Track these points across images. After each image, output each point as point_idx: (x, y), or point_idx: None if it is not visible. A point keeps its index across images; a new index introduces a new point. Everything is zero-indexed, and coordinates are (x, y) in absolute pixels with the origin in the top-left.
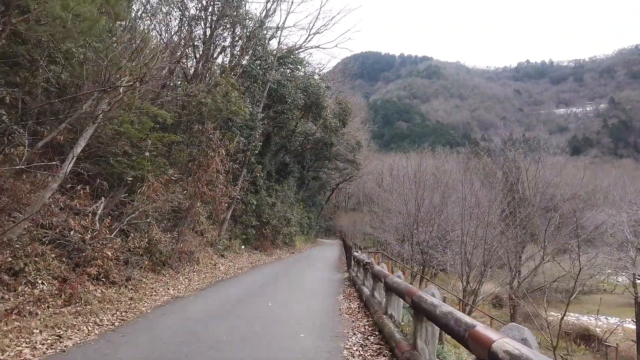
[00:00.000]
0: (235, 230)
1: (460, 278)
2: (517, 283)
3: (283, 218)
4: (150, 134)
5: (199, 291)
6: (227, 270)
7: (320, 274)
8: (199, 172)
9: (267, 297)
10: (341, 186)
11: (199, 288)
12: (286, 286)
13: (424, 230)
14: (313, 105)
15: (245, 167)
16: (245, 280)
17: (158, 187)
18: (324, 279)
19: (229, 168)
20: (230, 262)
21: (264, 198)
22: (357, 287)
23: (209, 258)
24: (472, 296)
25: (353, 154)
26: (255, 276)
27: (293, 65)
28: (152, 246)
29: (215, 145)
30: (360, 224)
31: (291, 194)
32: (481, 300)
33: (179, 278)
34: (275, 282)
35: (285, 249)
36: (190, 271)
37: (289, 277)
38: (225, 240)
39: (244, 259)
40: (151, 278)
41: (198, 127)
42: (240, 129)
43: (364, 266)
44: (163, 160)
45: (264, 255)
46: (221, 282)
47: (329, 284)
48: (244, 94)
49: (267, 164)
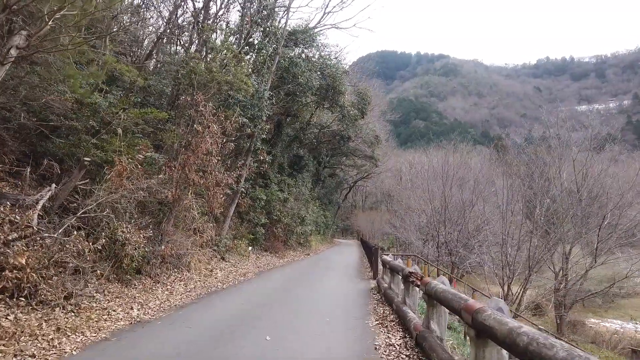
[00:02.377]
0: (240, 229)
1: (501, 284)
2: (564, 289)
3: (297, 216)
4: (128, 109)
5: (175, 310)
6: (226, 277)
7: (340, 282)
8: (186, 154)
9: (268, 323)
10: (358, 184)
11: (178, 305)
12: (296, 303)
13: (453, 229)
14: (329, 89)
15: (250, 155)
16: (244, 291)
17: (132, 173)
18: (346, 290)
19: (227, 150)
20: (233, 266)
21: (275, 193)
22: (393, 306)
23: (205, 262)
24: (516, 304)
25: (372, 149)
26: (259, 286)
27: (307, 42)
28: (117, 249)
29: (207, 121)
30: (379, 223)
31: (306, 190)
32: (525, 309)
33: (157, 290)
34: (283, 295)
35: (299, 250)
36: (176, 280)
37: (301, 288)
38: (227, 241)
39: (251, 262)
40: (113, 292)
41: (185, 98)
42: (243, 109)
43: (406, 278)
44: (144, 141)
45: (274, 257)
46: (213, 294)
47: (354, 299)
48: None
49: (278, 155)
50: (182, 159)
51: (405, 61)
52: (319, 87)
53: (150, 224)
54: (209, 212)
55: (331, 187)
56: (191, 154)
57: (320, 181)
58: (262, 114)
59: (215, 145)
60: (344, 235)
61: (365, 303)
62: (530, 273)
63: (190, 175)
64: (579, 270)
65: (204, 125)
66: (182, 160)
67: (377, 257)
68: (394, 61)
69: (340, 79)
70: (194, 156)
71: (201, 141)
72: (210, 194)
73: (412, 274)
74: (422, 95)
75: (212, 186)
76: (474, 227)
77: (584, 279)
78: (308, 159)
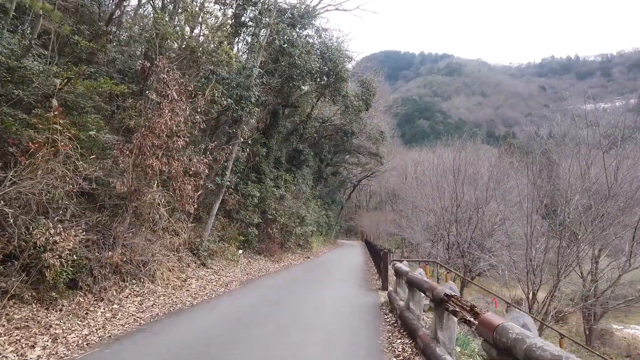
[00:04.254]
0: (228, 229)
1: (526, 292)
2: (594, 297)
3: (296, 215)
4: (73, 79)
5: (105, 346)
6: (201, 289)
7: (342, 294)
8: (143, 134)
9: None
10: (362, 184)
11: (114, 336)
12: (279, 331)
13: (465, 229)
14: (331, 74)
15: (237, 143)
16: (217, 310)
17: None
18: (350, 308)
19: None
20: (215, 274)
21: (270, 189)
22: (418, 341)
23: (178, 270)
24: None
25: (376, 145)
26: (238, 301)
27: (305, 21)
28: (35, 256)
29: (168, 89)
30: (384, 223)
31: (306, 188)
32: (551, 319)
33: (96, 312)
34: (266, 316)
35: (299, 253)
36: (131, 295)
37: (292, 303)
38: (209, 244)
39: (239, 268)
40: (16, 320)
41: (144, 63)
42: (227, 88)
43: (439, 303)
44: (95, 119)
45: (269, 261)
46: (173, 316)
47: (359, 323)
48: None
49: (274, 147)
50: (136, 139)
51: (409, 61)
52: (318, 71)
53: (99, 223)
54: (181, 209)
55: (334, 186)
56: (148, 133)
57: (322, 179)
58: (250, 94)
59: (180, 121)
60: (348, 236)
61: (376, 330)
62: (558, 279)
63: (148, 160)
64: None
65: (162, 94)
66: (138, 142)
67: (386, 263)
68: (398, 61)
69: (343, 64)
70: (152, 135)
71: (159, 115)
72: (177, 186)
73: (451, 299)
74: (426, 95)
75: (179, 175)
76: (489, 227)
77: (616, 284)
78: (308, 154)
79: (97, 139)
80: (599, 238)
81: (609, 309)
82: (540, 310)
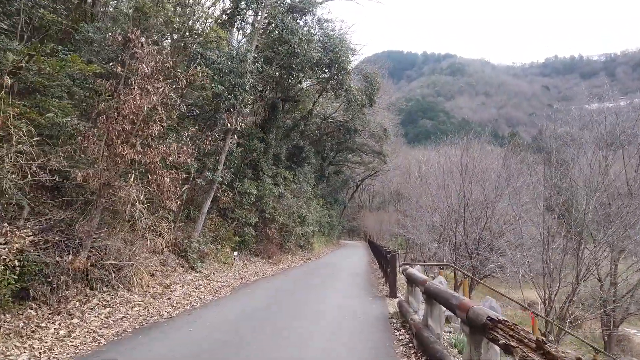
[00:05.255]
0: (222, 229)
1: (543, 297)
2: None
3: (296, 215)
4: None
5: None
6: (185, 297)
7: (344, 303)
8: (109, 115)
9: None
10: (365, 184)
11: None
12: (273, 348)
13: (473, 229)
14: (333, 65)
15: (230, 135)
16: (199, 323)
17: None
18: (353, 321)
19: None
20: (205, 279)
21: (268, 187)
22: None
23: (161, 275)
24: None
25: (380, 143)
26: (227, 311)
27: (306, 7)
28: None
29: (142, 65)
30: (388, 223)
31: (308, 187)
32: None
33: (49, 328)
34: (258, 330)
35: (299, 254)
36: (98, 306)
37: (289, 313)
38: (199, 245)
39: (233, 272)
40: None
41: (114, 36)
42: (218, 74)
43: (482, 330)
44: (63, 103)
45: (267, 263)
46: (144, 331)
47: (364, 345)
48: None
49: (272, 143)
50: (102, 122)
51: (412, 61)
52: (319, 62)
53: (63, 222)
54: (162, 205)
55: (336, 186)
56: (117, 116)
57: (324, 178)
58: (244, 81)
59: (155, 102)
60: (351, 237)
61: (387, 354)
62: (578, 283)
63: (117, 148)
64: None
65: (133, 70)
66: (104, 126)
67: (394, 267)
68: (401, 61)
69: (346, 55)
70: (121, 119)
71: (127, 93)
72: (153, 178)
73: (498, 326)
74: (429, 95)
75: (156, 167)
76: (500, 226)
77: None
78: (309, 151)
79: (63, 125)
80: (620, 239)
81: (629, 315)
82: (558, 315)
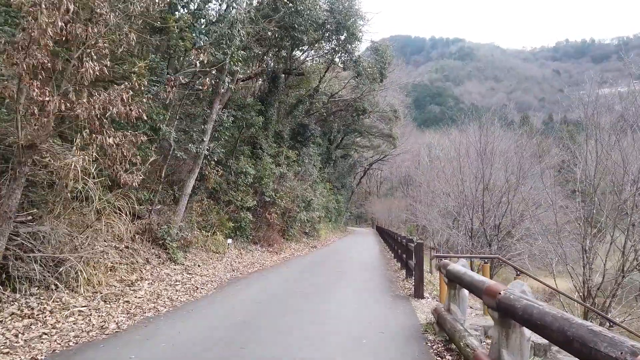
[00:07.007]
0: (213, 214)
1: (583, 293)
2: None
3: (301, 199)
4: None
5: None
6: (151, 299)
7: (358, 304)
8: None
9: None
10: (373, 169)
11: None
12: None
13: (493, 214)
14: (340, 30)
15: (218, 99)
16: (148, 350)
17: None
18: (373, 334)
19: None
20: (185, 272)
21: (268, 166)
22: None
23: (126, 270)
24: None
25: (389, 126)
26: (195, 326)
27: None
28: None
29: None
30: (397, 209)
31: (314, 169)
32: None
33: None
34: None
35: (304, 242)
36: (12, 318)
37: (282, 330)
38: (181, 232)
39: (224, 263)
40: None
41: None
42: (203, 22)
43: None
44: None
45: (266, 252)
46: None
47: None
48: None
49: (273, 118)
50: (8, 52)
51: (420, 46)
52: (325, 24)
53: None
54: (117, 179)
55: (344, 170)
56: (28, 43)
57: (331, 161)
58: (234, 32)
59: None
60: (358, 223)
61: None
62: (623, 275)
63: (33, 91)
64: None
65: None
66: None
67: (421, 260)
68: (408, 45)
69: (355, 19)
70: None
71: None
72: (95, 139)
73: None
74: (437, 80)
75: (97, 123)
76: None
77: None
78: (315, 129)
79: None
80: None
81: None
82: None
